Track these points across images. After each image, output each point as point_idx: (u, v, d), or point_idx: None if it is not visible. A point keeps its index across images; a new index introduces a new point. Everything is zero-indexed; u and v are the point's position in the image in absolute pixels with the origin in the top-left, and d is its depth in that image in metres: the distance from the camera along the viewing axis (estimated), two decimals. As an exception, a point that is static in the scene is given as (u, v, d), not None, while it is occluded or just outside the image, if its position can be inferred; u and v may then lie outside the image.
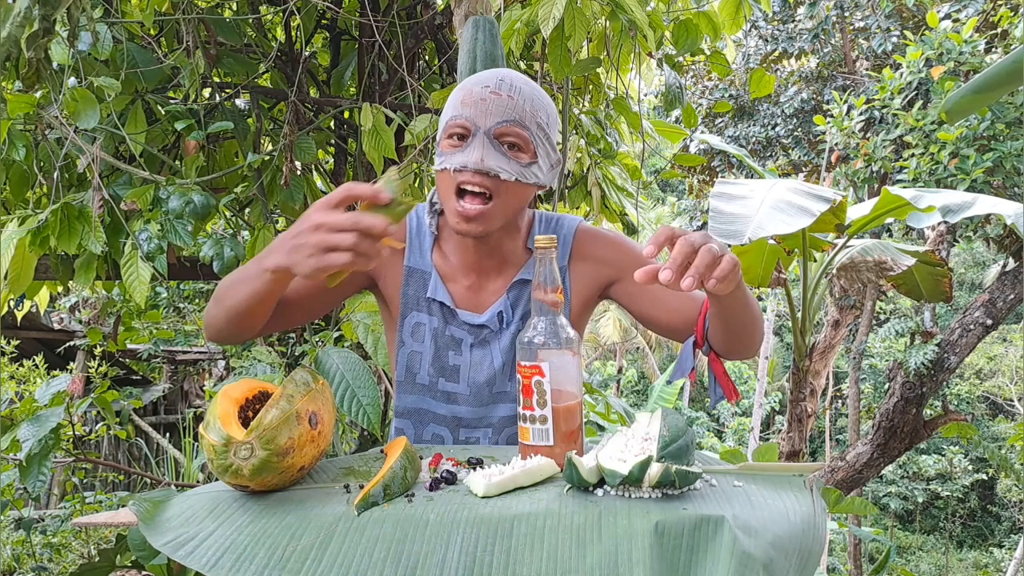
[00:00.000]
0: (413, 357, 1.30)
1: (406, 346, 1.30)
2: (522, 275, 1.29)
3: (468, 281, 1.30)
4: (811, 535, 0.86)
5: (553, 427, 1.00)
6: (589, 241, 1.33)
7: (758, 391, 12.38)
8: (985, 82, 1.06)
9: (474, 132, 1.17)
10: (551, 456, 0.99)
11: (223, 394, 0.97)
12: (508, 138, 1.18)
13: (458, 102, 1.20)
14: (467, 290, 1.29)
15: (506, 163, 1.17)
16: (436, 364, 1.29)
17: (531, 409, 1.00)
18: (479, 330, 1.28)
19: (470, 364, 1.28)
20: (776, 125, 9.96)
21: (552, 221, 1.35)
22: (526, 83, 1.22)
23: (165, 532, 0.87)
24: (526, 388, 1.00)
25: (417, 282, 1.30)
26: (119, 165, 2.43)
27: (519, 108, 1.18)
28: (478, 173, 1.16)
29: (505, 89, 1.18)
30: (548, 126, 1.23)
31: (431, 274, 1.29)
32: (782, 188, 2.20)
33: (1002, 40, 5.27)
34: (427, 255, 1.31)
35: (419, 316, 1.29)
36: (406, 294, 1.30)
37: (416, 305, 1.29)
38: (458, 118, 1.18)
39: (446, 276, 1.30)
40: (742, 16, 2.96)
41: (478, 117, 1.17)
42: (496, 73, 1.21)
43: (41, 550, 3.80)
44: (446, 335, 1.29)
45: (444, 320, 1.29)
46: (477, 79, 1.21)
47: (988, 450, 5.91)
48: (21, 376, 5.27)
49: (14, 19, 1.71)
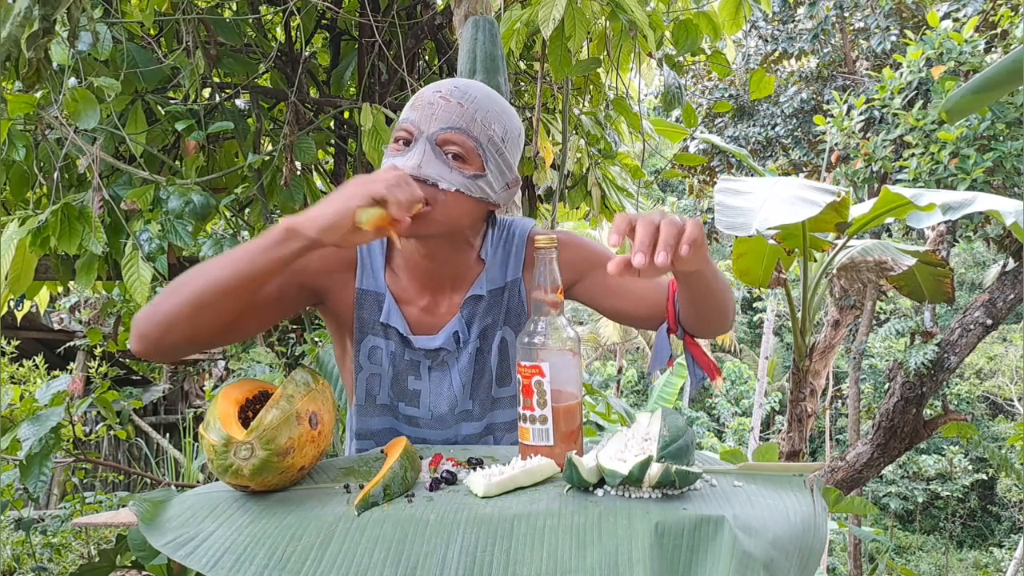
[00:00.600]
0: (372, 379, 1.25)
1: (364, 370, 1.25)
2: (474, 291, 1.24)
3: (423, 302, 1.24)
4: (811, 535, 0.86)
5: (553, 427, 0.99)
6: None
7: (758, 391, 12.38)
8: (985, 82, 1.06)
9: (416, 136, 1.12)
10: (551, 456, 0.99)
11: (223, 394, 0.97)
12: (451, 147, 1.11)
13: (409, 105, 1.15)
14: (422, 312, 1.24)
15: (447, 172, 1.10)
16: (395, 388, 1.25)
17: (531, 409, 1.00)
18: (435, 353, 1.24)
19: (430, 389, 1.24)
20: (776, 125, 9.96)
21: (503, 230, 1.28)
22: (486, 95, 1.15)
23: (165, 532, 0.87)
24: (526, 388, 1.00)
25: (371, 305, 1.24)
26: (119, 165, 2.43)
27: (467, 116, 1.12)
28: (415, 180, 1.07)
29: (456, 96, 1.13)
30: (503, 141, 1.16)
31: (384, 296, 1.24)
32: (785, 184, 2.21)
33: (1002, 40, 5.27)
34: (380, 276, 1.24)
35: (375, 340, 1.24)
36: (360, 318, 1.24)
37: (372, 329, 1.24)
38: (405, 121, 1.14)
39: (400, 299, 1.24)
40: (742, 16, 2.96)
41: (423, 121, 1.12)
42: (455, 81, 1.16)
43: (41, 550, 3.80)
44: (404, 359, 1.24)
45: (402, 344, 1.24)
46: (435, 84, 1.16)
47: (988, 450, 5.91)
48: (21, 376, 5.27)
49: (14, 19, 1.71)
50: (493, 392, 1.25)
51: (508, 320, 1.25)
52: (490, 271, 1.24)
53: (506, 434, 1.27)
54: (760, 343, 14.46)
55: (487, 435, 1.27)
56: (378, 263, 1.25)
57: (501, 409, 1.26)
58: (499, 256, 1.26)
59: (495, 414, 1.26)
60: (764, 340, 11.98)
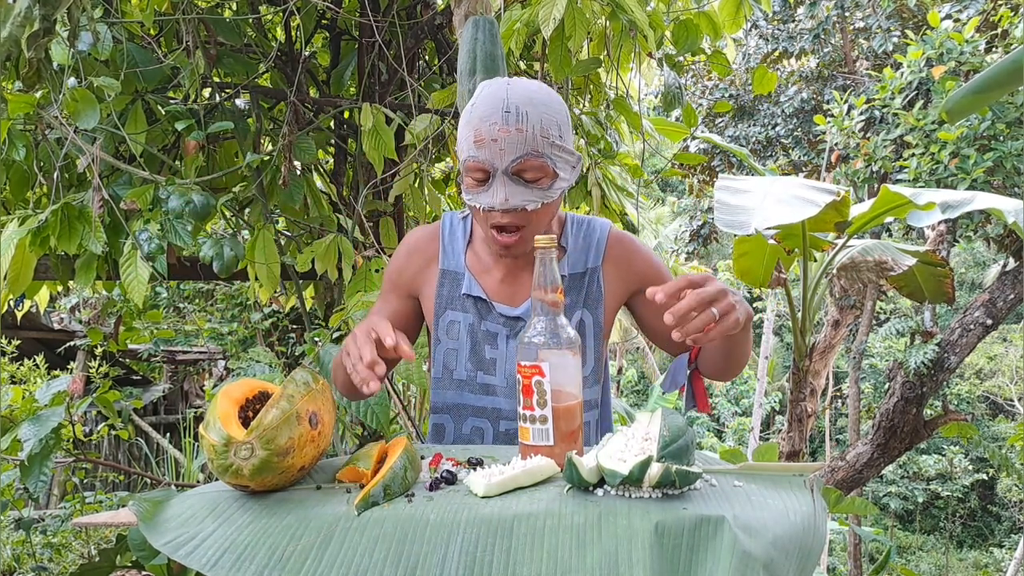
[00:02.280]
0: (449, 354, 1.35)
1: (442, 344, 1.35)
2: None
3: (501, 274, 1.35)
4: (811, 534, 0.86)
5: (553, 427, 1.00)
6: (622, 248, 1.38)
7: (758, 391, 12.38)
8: (985, 82, 1.06)
9: (492, 173, 1.20)
10: (551, 456, 0.99)
11: (223, 394, 0.97)
12: (527, 173, 1.20)
13: (471, 142, 1.20)
14: (500, 283, 1.34)
15: (530, 194, 1.21)
16: (473, 358, 1.34)
17: (531, 409, 1.00)
18: (514, 323, 1.33)
19: (506, 356, 1.33)
20: (776, 125, 9.95)
21: (583, 224, 1.39)
22: (530, 102, 1.20)
23: (165, 532, 0.87)
24: (526, 388, 1.01)
25: (451, 282, 1.36)
26: (119, 165, 2.42)
27: (530, 139, 1.18)
28: (506, 212, 1.20)
29: (512, 122, 1.18)
30: (561, 137, 1.23)
31: (464, 274, 1.35)
32: (785, 183, 2.21)
33: (1002, 40, 5.27)
34: (460, 257, 1.37)
35: (453, 314, 1.35)
36: (440, 294, 1.36)
37: (450, 304, 1.35)
38: (474, 159, 1.21)
39: (479, 272, 1.35)
40: (742, 16, 2.96)
41: (494, 158, 1.19)
42: (500, 103, 1.19)
43: (41, 550, 3.80)
44: (482, 329, 1.34)
45: (479, 315, 1.34)
46: (483, 115, 1.20)
47: (988, 450, 5.90)
48: (21, 376, 5.27)
49: (14, 19, 1.71)
50: None
51: (587, 303, 1.34)
52: (571, 256, 1.35)
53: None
54: (760, 343, 14.46)
55: None
56: (459, 245, 1.38)
57: None
58: (580, 245, 1.37)
59: None
60: (764, 340, 11.98)
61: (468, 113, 1.23)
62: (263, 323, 5.57)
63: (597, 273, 1.35)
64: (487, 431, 1.33)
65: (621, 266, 1.36)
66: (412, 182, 2.92)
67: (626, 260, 1.37)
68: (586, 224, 1.39)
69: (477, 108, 1.21)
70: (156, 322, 5.81)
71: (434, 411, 1.37)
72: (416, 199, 2.94)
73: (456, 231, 1.39)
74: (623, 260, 1.36)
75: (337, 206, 3.17)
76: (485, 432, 1.33)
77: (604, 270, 1.36)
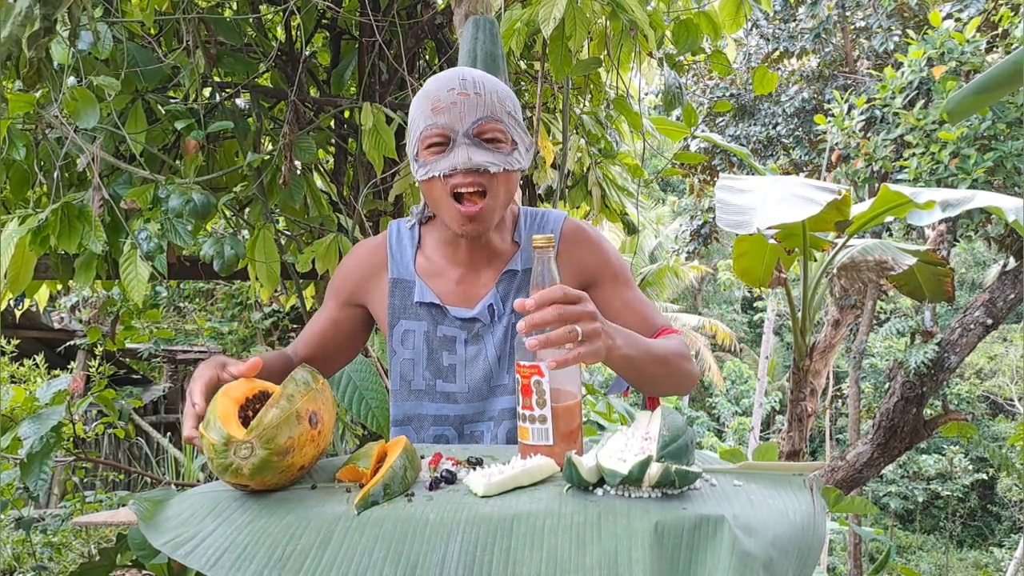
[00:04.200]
0: (406, 364, 1.32)
1: (398, 355, 1.33)
2: (511, 266, 1.30)
3: (455, 276, 1.32)
4: (811, 534, 0.86)
5: (553, 427, 0.99)
6: (575, 241, 1.34)
7: (758, 391, 12.38)
8: (986, 82, 1.06)
9: (452, 137, 1.20)
10: (551, 455, 0.98)
11: (223, 393, 0.97)
12: (487, 134, 1.21)
13: (428, 111, 1.21)
14: (456, 285, 1.31)
15: (491, 156, 1.20)
16: (431, 367, 1.31)
17: (530, 409, 1.00)
18: (471, 324, 1.30)
19: (465, 361, 1.30)
20: (777, 124, 9.95)
21: (538, 216, 1.36)
22: (484, 77, 1.24)
23: (165, 532, 0.87)
24: (525, 388, 1.00)
25: (402, 292, 1.33)
26: (119, 164, 2.42)
27: (490, 103, 1.21)
28: (469, 172, 1.18)
29: (471, 88, 1.20)
30: (515, 112, 1.26)
31: (414, 281, 1.32)
32: (786, 182, 2.21)
33: (1003, 40, 5.27)
34: (409, 264, 1.34)
35: (407, 324, 1.32)
36: (392, 305, 1.33)
37: (403, 313, 1.32)
38: (433, 127, 1.20)
39: (430, 277, 1.32)
40: (742, 15, 2.96)
41: (454, 121, 1.19)
42: (455, 73, 1.23)
43: (41, 549, 3.80)
44: (438, 336, 1.30)
45: (434, 321, 1.31)
46: (439, 84, 1.22)
47: (988, 449, 5.90)
48: (21, 375, 5.27)
49: (15, 18, 1.71)
50: None
51: None
52: (525, 251, 1.32)
53: None
54: (760, 343, 14.47)
55: None
56: (408, 253, 1.35)
57: None
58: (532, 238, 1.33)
59: None
60: (764, 339, 11.99)
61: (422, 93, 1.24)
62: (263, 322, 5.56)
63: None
64: (451, 437, 1.31)
65: (573, 261, 1.33)
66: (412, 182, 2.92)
67: (578, 255, 1.33)
68: (540, 217, 1.36)
69: (431, 84, 1.23)
70: (156, 321, 5.82)
71: (394, 424, 1.34)
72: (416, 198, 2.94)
73: (404, 239, 1.36)
74: (574, 255, 1.33)
75: (337, 205, 3.17)
76: (450, 438, 1.31)
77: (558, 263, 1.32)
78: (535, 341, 0.94)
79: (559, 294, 0.95)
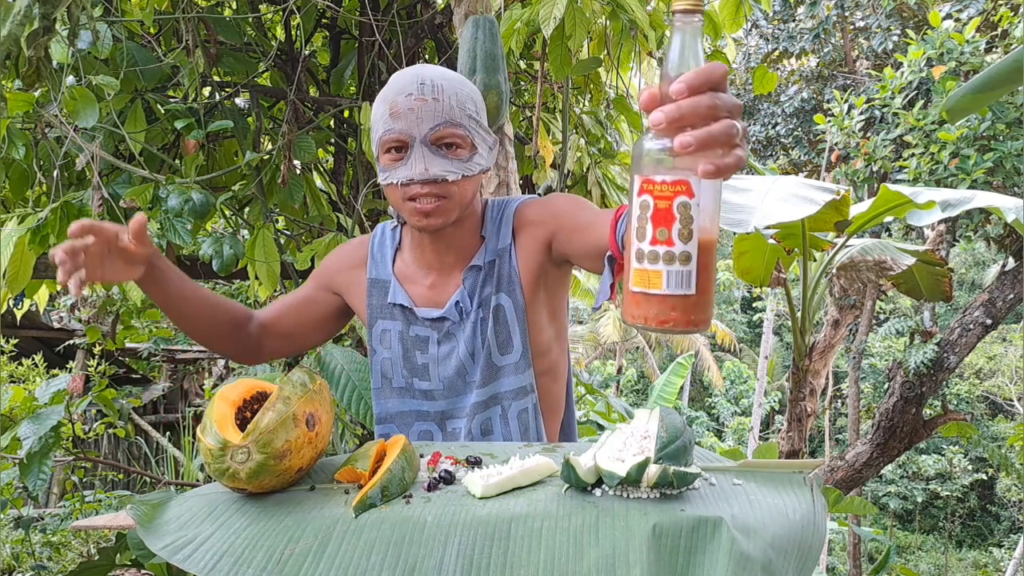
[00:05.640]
0: (386, 363, 1.33)
1: (378, 354, 1.34)
2: (475, 261, 1.29)
3: (429, 280, 1.32)
4: (811, 533, 0.86)
5: (698, 268, 0.72)
6: (526, 211, 1.30)
7: (758, 391, 12.38)
8: (985, 82, 1.06)
9: (410, 144, 1.18)
10: (687, 309, 0.73)
11: (220, 396, 0.97)
12: (445, 140, 1.18)
13: (386, 115, 1.19)
14: (428, 289, 1.32)
15: (449, 164, 1.18)
16: (407, 365, 1.32)
17: (668, 244, 0.71)
18: (441, 324, 1.30)
19: (437, 359, 1.30)
20: (776, 124, 9.95)
21: (501, 205, 1.34)
22: (445, 78, 1.20)
23: (163, 536, 0.87)
24: (662, 215, 0.71)
25: (379, 292, 1.34)
26: (119, 164, 2.42)
27: (447, 108, 1.18)
28: (426, 183, 1.17)
29: (428, 92, 1.17)
30: (477, 113, 1.23)
31: (390, 281, 1.33)
32: (785, 182, 2.22)
33: (1002, 40, 5.27)
34: (387, 265, 1.35)
35: (384, 323, 1.33)
36: (371, 304, 1.34)
37: (380, 313, 1.33)
38: (391, 132, 1.18)
39: (405, 279, 1.33)
40: (742, 15, 2.96)
41: (411, 127, 1.17)
42: (414, 77, 1.19)
43: (41, 549, 3.80)
44: (411, 336, 1.32)
45: (407, 322, 1.32)
46: (398, 87, 1.19)
47: (988, 449, 5.91)
48: (21, 375, 5.27)
49: (14, 17, 1.71)
50: (495, 360, 1.29)
51: (501, 286, 1.28)
52: (488, 244, 1.30)
53: (513, 402, 1.29)
54: (760, 343, 14.46)
55: (494, 404, 1.30)
56: (387, 254, 1.35)
57: (505, 377, 1.29)
58: (493, 231, 1.31)
59: (500, 383, 1.29)
60: (764, 339, 11.98)
61: (381, 96, 1.22)
62: (263, 322, 5.54)
63: (507, 252, 1.28)
64: (435, 433, 1.33)
65: (527, 228, 1.28)
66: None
67: (529, 219, 1.28)
68: (503, 205, 1.33)
69: (391, 86, 1.21)
70: (155, 321, 5.81)
71: (379, 421, 1.34)
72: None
73: (385, 240, 1.37)
74: (527, 222, 1.28)
75: (337, 205, 3.17)
76: (434, 434, 1.33)
77: (516, 244, 1.28)
78: (691, 139, 0.66)
79: (718, 75, 0.68)
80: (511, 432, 1.29)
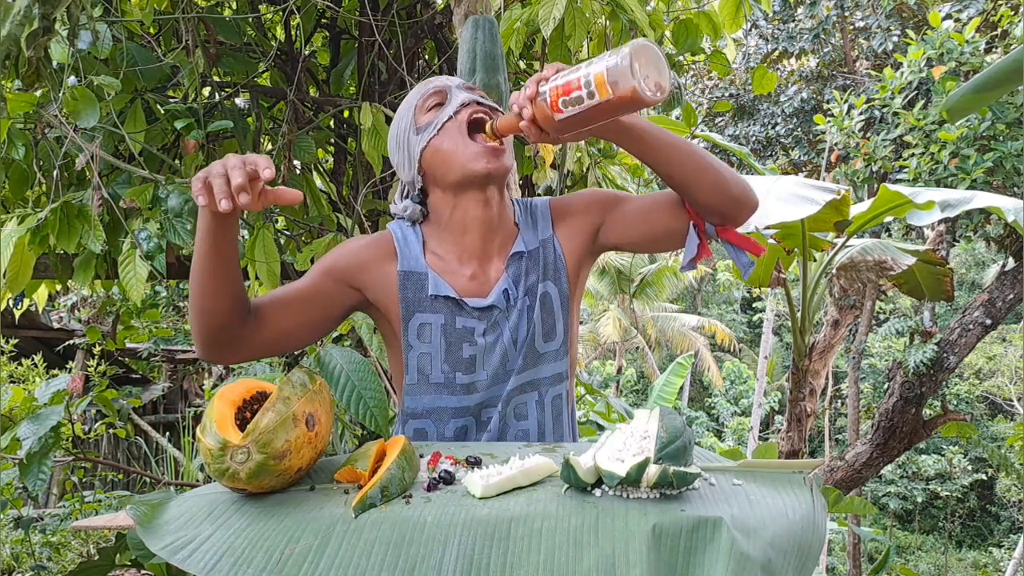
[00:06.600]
0: (423, 359, 1.29)
1: (414, 349, 1.29)
2: (516, 248, 1.31)
3: (468, 271, 1.31)
4: (810, 532, 0.86)
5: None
6: (564, 203, 1.38)
7: (757, 391, 12.38)
8: (985, 82, 1.06)
9: (449, 91, 1.30)
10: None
11: (219, 397, 0.96)
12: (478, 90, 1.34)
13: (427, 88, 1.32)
14: (469, 280, 1.31)
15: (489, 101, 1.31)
16: (449, 360, 1.28)
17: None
18: (489, 313, 1.29)
19: (484, 349, 1.29)
20: (776, 124, 9.95)
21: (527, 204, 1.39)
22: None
23: (163, 536, 0.87)
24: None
25: (415, 284, 1.29)
26: (118, 164, 2.42)
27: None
28: (482, 102, 1.29)
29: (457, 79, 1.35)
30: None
31: (427, 273, 1.30)
32: (785, 182, 2.22)
33: (1002, 40, 5.27)
34: (419, 258, 1.31)
35: (423, 316, 1.29)
36: (405, 297, 1.29)
37: (418, 306, 1.29)
38: (430, 90, 1.31)
39: (444, 272, 1.30)
40: (742, 15, 2.96)
41: (448, 82, 1.32)
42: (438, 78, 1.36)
43: (40, 549, 3.80)
44: (456, 328, 1.29)
45: (452, 313, 1.29)
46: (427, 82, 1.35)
47: (988, 450, 5.91)
48: (20, 375, 5.27)
49: (14, 18, 1.71)
50: (538, 346, 1.30)
51: (548, 274, 1.32)
52: (524, 235, 1.34)
53: (550, 388, 1.31)
54: (760, 343, 14.45)
55: (531, 390, 1.31)
56: (415, 249, 1.33)
57: (546, 363, 1.31)
58: (528, 223, 1.36)
59: (540, 369, 1.31)
60: (764, 340, 11.97)
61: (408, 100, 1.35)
62: (263, 322, 5.53)
63: (551, 241, 1.34)
64: (471, 427, 1.30)
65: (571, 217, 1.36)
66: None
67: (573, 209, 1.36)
68: (528, 204, 1.39)
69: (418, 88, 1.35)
70: (155, 321, 5.81)
71: (413, 416, 1.31)
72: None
73: (408, 235, 1.34)
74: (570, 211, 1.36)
75: (337, 205, 3.17)
76: (469, 429, 1.30)
77: (557, 235, 1.35)
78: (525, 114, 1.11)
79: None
80: (545, 417, 1.31)
